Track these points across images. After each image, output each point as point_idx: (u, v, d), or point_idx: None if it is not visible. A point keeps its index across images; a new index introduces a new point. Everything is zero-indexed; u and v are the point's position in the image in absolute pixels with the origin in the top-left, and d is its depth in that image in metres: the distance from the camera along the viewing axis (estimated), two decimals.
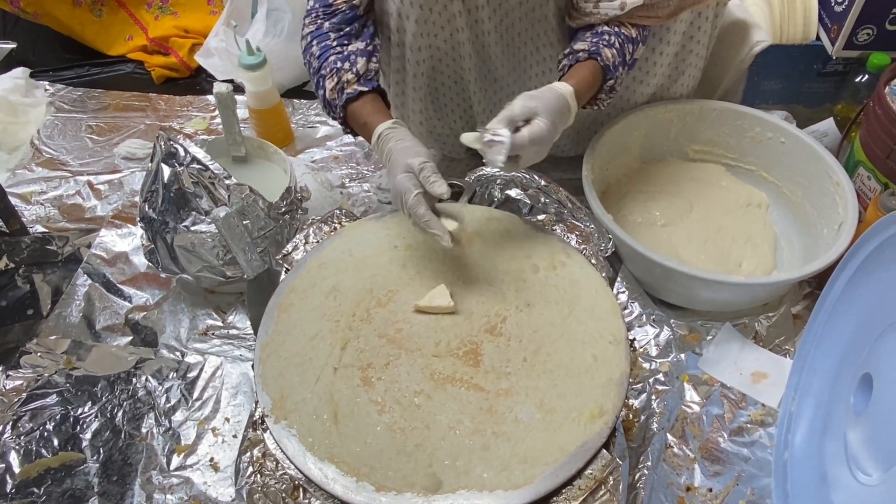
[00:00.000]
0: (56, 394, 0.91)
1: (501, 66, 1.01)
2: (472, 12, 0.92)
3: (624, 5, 0.87)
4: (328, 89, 0.89)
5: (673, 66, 1.03)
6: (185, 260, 0.94)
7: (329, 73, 0.89)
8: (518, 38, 0.98)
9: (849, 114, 1.11)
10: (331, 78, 0.88)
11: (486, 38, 0.96)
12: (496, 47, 0.98)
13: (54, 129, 1.36)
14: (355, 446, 0.66)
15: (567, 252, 0.84)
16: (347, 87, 0.88)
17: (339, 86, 0.88)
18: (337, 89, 0.88)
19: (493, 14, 0.94)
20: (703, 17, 0.97)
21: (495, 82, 1.05)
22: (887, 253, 0.71)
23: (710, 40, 1.02)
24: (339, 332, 0.76)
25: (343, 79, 0.88)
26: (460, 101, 1.07)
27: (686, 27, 0.97)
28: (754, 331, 0.95)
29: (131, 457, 0.85)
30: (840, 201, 0.94)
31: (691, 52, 1.01)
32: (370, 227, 0.87)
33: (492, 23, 0.95)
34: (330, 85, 0.89)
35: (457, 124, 1.10)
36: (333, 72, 0.88)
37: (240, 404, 0.91)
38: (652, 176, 1.12)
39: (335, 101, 0.89)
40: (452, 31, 0.93)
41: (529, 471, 0.64)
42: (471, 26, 0.94)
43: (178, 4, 1.56)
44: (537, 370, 0.72)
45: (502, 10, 0.94)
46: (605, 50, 0.87)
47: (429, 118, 1.07)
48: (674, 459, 0.83)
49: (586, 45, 0.88)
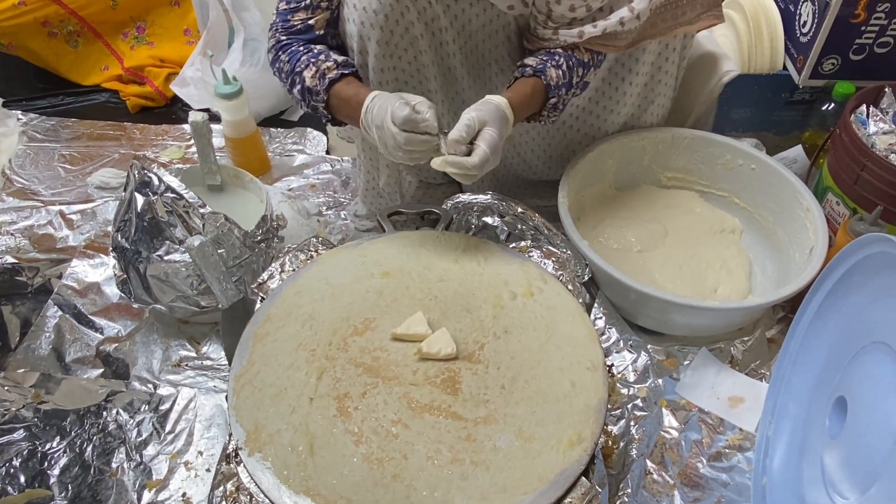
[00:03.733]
0: (23, 429, 0.88)
1: (468, 86, 1.02)
2: (437, 35, 0.93)
3: (582, 34, 0.89)
4: (308, 78, 0.89)
5: (642, 97, 1.05)
6: (159, 290, 0.92)
7: (306, 66, 0.89)
8: (482, 59, 0.99)
9: (816, 141, 1.14)
10: (309, 68, 0.89)
11: (451, 59, 0.97)
12: (462, 68, 0.99)
13: (26, 159, 1.34)
14: (331, 478, 0.65)
15: (544, 278, 0.84)
16: (329, 73, 0.88)
17: (319, 73, 0.88)
18: (318, 76, 0.88)
19: (458, 36, 0.94)
20: (670, 48, 0.99)
21: (463, 103, 1.04)
22: (857, 277, 0.73)
23: (678, 70, 1.04)
24: (315, 361, 0.75)
25: (323, 66, 0.88)
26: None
27: (654, 58, 1.00)
28: (730, 355, 0.96)
29: (101, 493, 0.83)
30: (810, 226, 0.95)
31: (660, 83, 1.03)
32: (347, 255, 0.87)
33: (456, 44, 0.95)
34: (309, 73, 0.89)
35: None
36: (311, 63, 0.89)
37: (213, 437, 0.89)
38: (627, 202, 1.13)
39: (317, 86, 0.89)
40: (416, 53, 0.93)
41: (508, 500, 0.63)
42: (435, 48, 0.95)
43: (154, 34, 1.56)
44: (515, 397, 0.72)
45: (466, 31, 0.94)
46: (551, 70, 0.89)
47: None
48: (653, 486, 0.83)
49: (534, 63, 0.90)
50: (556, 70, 0.89)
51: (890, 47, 1.07)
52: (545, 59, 0.90)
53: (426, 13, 0.90)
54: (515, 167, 1.15)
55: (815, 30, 1.08)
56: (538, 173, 1.16)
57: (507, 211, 0.97)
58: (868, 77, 1.09)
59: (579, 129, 1.07)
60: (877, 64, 1.09)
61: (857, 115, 0.98)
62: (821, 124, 1.14)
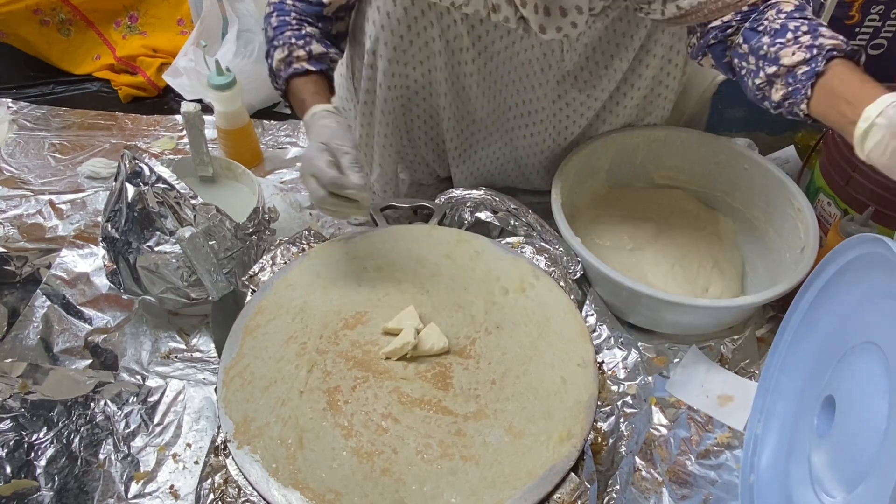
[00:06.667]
0: (10, 419, 0.87)
1: (481, 107, 0.99)
2: (455, 54, 0.91)
3: None
4: (276, 59, 0.88)
5: (641, 108, 1.05)
6: (149, 281, 0.92)
7: (282, 45, 0.88)
8: (500, 81, 0.97)
9: (809, 142, 1.15)
10: (282, 49, 0.87)
11: (466, 79, 0.95)
12: (477, 89, 0.96)
13: (16, 147, 1.33)
14: (320, 472, 0.65)
15: (536, 274, 0.84)
16: (296, 63, 0.87)
17: (288, 59, 0.87)
18: (286, 61, 0.87)
19: (478, 57, 0.92)
20: (672, 63, 0.99)
21: (473, 123, 1.03)
22: (847, 277, 0.73)
23: (680, 78, 1.02)
24: (305, 354, 0.74)
25: (294, 53, 0.87)
26: (434, 136, 1.05)
27: (656, 72, 0.99)
28: (720, 353, 0.96)
29: (87, 484, 0.82)
30: (801, 226, 0.96)
31: (659, 96, 1.03)
32: (339, 248, 0.86)
33: (475, 65, 0.93)
34: (279, 56, 0.87)
35: (428, 156, 1.08)
36: (286, 45, 0.87)
37: (202, 429, 0.88)
38: (619, 201, 1.13)
39: (280, 71, 0.88)
40: (431, 67, 0.92)
41: (498, 495, 0.63)
42: (451, 66, 0.93)
43: (147, 24, 1.55)
44: (506, 393, 0.72)
45: (487, 53, 0.92)
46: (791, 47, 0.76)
47: (398, 141, 1.05)
48: (642, 483, 0.83)
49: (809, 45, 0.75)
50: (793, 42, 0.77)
51: (884, 49, 1.07)
52: (782, 41, 0.77)
53: (449, 31, 0.88)
54: (514, 181, 1.13)
55: None
56: (536, 186, 1.14)
57: (500, 207, 0.97)
58: None
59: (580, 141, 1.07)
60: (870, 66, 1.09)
61: None
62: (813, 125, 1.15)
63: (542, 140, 1.03)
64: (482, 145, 1.05)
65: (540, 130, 1.02)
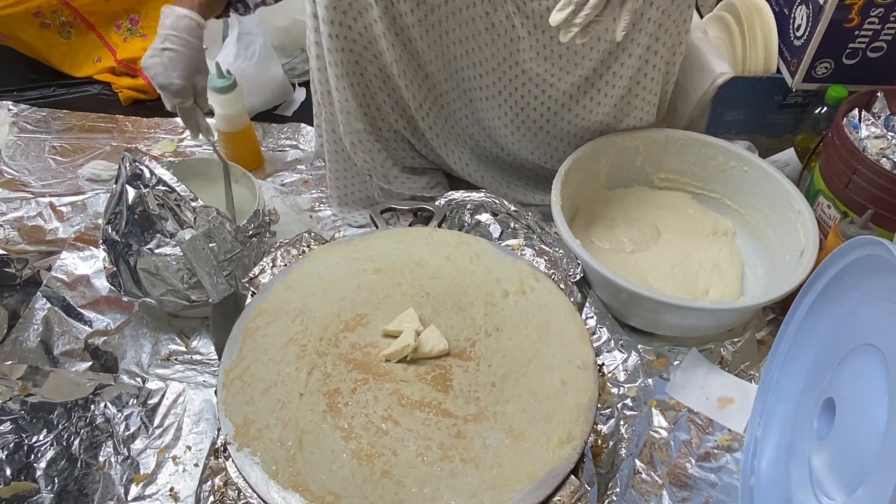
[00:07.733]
0: (10, 421, 0.88)
1: (430, 61, 0.99)
2: (389, 7, 0.91)
3: None
4: None
5: (619, 108, 1.04)
6: (149, 283, 0.92)
7: None
8: (447, 37, 0.96)
9: (808, 144, 1.15)
10: None
11: (409, 31, 0.94)
12: (422, 41, 0.95)
13: (17, 150, 1.33)
14: (320, 474, 0.65)
15: (536, 277, 0.84)
16: None
17: None
18: None
19: (416, 7, 0.92)
20: (650, 64, 0.98)
21: (427, 78, 1.01)
22: (847, 279, 0.73)
23: (661, 81, 1.02)
24: (305, 356, 0.74)
25: None
26: (397, 98, 1.03)
27: (633, 73, 0.98)
28: (720, 356, 0.96)
29: (87, 486, 0.82)
30: (801, 229, 0.96)
31: (637, 97, 1.03)
32: (339, 250, 0.87)
33: (415, 16, 0.92)
34: None
35: (398, 123, 1.07)
36: None
37: (202, 432, 0.88)
38: (619, 203, 1.13)
39: None
40: (368, 22, 0.92)
41: (498, 497, 0.63)
42: (391, 17, 0.92)
43: (147, 27, 1.55)
44: (506, 395, 0.72)
45: (427, 4, 0.92)
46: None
47: (360, 106, 1.02)
48: (642, 485, 0.83)
49: None
50: None
51: (883, 52, 1.07)
52: None
53: None
54: (491, 149, 1.13)
55: (808, 33, 1.08)
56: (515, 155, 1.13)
57: (500, 209, 0.97)
58: (861, 81, 1.10)
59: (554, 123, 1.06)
60: (869, 68, 1.09)
61: (850, 119, 0.98)
62: (813, 128, 1.15)
63: (499, 105, 1.03)
64: (443, 102, 1.04)
65: (494, 94, 1.02)
